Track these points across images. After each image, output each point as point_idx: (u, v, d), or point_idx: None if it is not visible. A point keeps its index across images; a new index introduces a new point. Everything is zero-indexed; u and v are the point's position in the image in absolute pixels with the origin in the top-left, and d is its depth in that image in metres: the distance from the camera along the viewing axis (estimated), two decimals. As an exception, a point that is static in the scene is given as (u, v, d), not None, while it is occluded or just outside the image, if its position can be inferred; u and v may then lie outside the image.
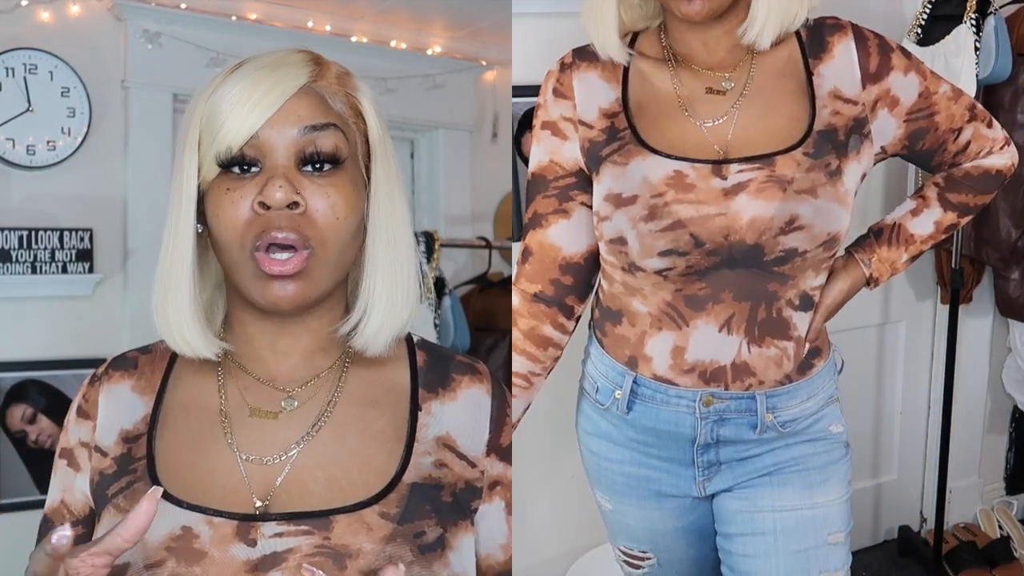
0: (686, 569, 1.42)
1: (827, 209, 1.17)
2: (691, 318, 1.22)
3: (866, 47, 1.23)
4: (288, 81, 0.92)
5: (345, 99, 0.96)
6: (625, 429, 1.31)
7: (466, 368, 1.02)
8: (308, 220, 0.91)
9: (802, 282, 1.22)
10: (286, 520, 0.90)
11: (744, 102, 1.23)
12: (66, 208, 2.34)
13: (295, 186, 0.91)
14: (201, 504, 0.92)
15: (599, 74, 1.28)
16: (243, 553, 0.89)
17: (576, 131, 1.26)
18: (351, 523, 0.89)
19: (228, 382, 0.99)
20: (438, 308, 2.62)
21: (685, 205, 1.17)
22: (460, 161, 3.09)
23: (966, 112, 1.28)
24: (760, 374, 1.23)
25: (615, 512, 1.40)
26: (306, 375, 0.99)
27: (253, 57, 0.95)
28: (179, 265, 0.94)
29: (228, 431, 0.96)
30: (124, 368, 1.03)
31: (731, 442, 1.28)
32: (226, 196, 0.91)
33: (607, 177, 1.22)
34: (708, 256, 1.18)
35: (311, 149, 0.91)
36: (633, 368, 1.27)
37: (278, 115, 0.91)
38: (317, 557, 0.87)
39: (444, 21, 2.88)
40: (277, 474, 0.93)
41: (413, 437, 0.96)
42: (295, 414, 0.97)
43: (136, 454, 0.96)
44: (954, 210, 1.33)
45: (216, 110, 0.91)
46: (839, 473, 1.30)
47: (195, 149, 0.93)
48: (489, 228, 3.03)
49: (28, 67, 2.28)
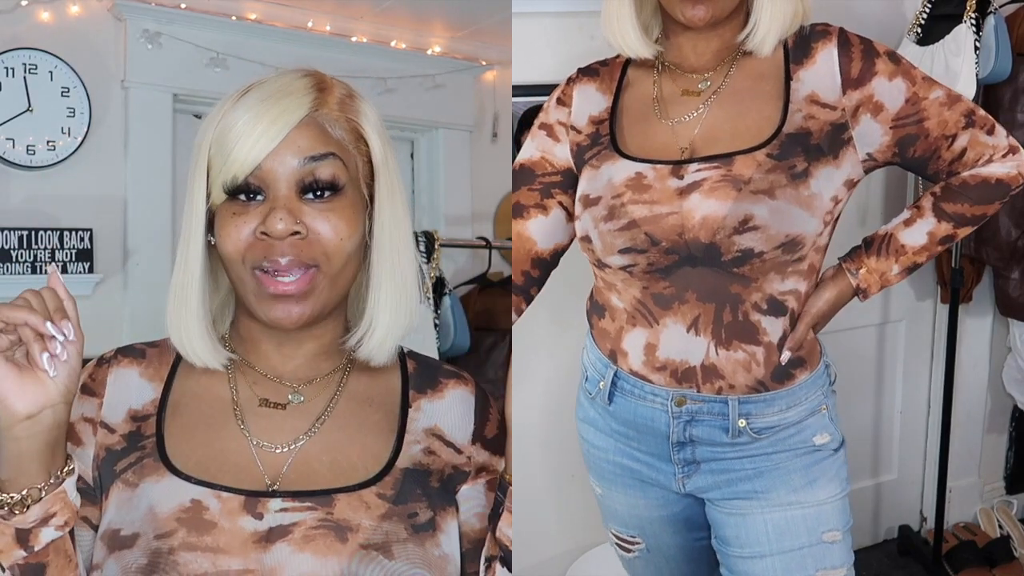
0: (674, 555, 1.44)
1: (785, 211, 1.17)
2: (660, 316, 1.24)
3: (849, 53, 1.22)
4: (290, 113, 0.96)
5: (346, 124, 1.00)
6: (608, 419, 1.34)
7: (452, 374, 1.11)
8: (310, 244, 0.97)
9: (766, 285, 1.22)
10: (291, 497, 0.96)
11: (715, 101, 1.25)
12: (66, 208, 2.34)
13: (296, 215, 0.96)
14: (211, 481, 0.97)
15: (596, 87, 1.34)
16: (251, 525, 0.94)
17: (567, 135, 1.33)
18: (351, 501, 0.97)
19: (238, 376, 1.05)
20: (438, 308, 2.62)
21: (639, 205, 1.21)
22: (460, 161, 3.09)
23: (961, 118, 1.24)
24: (729, 377, 1.24)
25: (605, 497, 1.43)
26: (310, 375, 1.05)
27: (260, 82, 1.00)
28: (189, 281, 1.00)
29: (240, 419, 1.02)
30: (132, 356, 1.07)
31: (705, 443, 1.28)
32: (231, 220, 0.97)
33: (583, 179, 1.29)
34: (666, 254, 1.20)
35: (310, 179, 0.96)
36: (614, 361, 1.30)
37: (280, 147, 0.96)
38: (321, 529, 0.94)
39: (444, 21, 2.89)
40: (284, 461, 1.00)
41: (404, 428, 1.04)
42: (301, 407, 1.03)
43: (145, 432, 1.02)
44: (949, 220, 1.28)
45: (224, 138, 0.97)
46: (828, 473, 1.29)
47: (204, 174, 0.98)
48: (489, 228, 3.03)
49: (28, 67, 2.29)
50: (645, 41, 1.29)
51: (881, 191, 2.44)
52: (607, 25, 1.31)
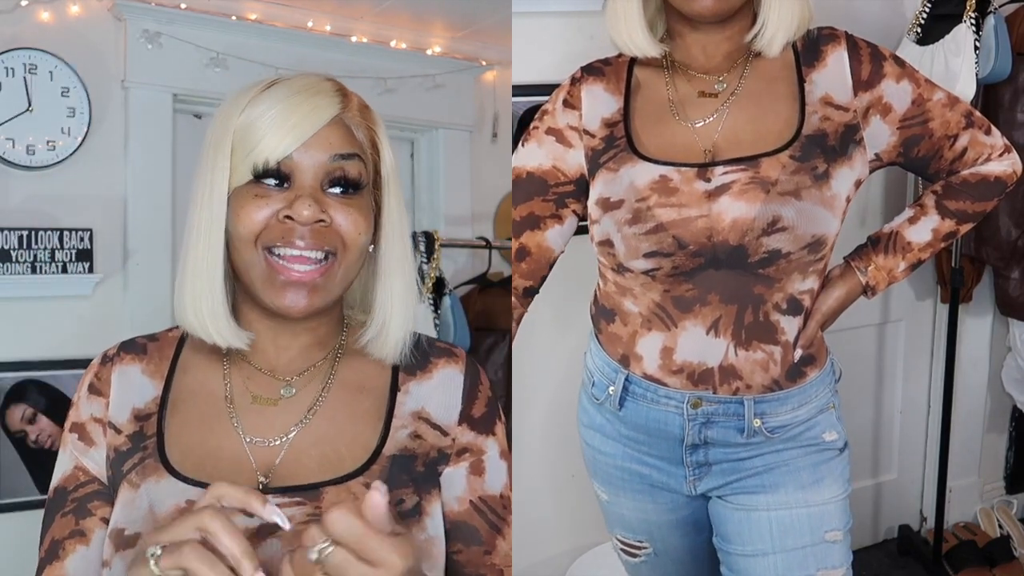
0: (681, 558, 1.44)
1: (811, 211, 1.18)
2: (679, 319, 1.24)
3: (858, 56, 1.25)
4: (323, 111, 1.00)
5: (366, 131, 1.05)
6: (618, 425, 1.34)
7: (443, 352, 1.11)
8: (332, 231, 0.99)
9: (788, 285, 1.23)
10: (281, 493, 0.98)
11: (734, 103, 1.26)
12: (66, 208, 2.34)
13: (321, 205, 0.98)
14: (207, 480, 0.98)
15: (604, 87, 1.33)
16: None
17: (581, 140, 1.32)
18: (339, 493, 0.98)
19: (233, 371, 1.07)
20: (438, 308, 2.62)
21: (667, 208, 1.21)
22: (460, 161, 3.09)
23: (962, 119, 1.29)
24: (747, 378, 1.25)
25: (611, 503, 1.43)
26: (302, 366, 1.07)
27: (284, 79, 1.03)
28: (213, 263, 1.00)
29: (233, 416, 1.03)
30: (134, 352, 1.10)
31: (719, 444, 1.29)
32: (253, 201, 0.98)
33: (600, 182, 1.28)
34: (693, 257, 1.21)
35: (339, 174, 1.00)
36: (625, 366, 1.30)
37: (311, 140, 0.99)
38: (310, 524, 0.91)
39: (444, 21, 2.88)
40: (276, 455, 1.01)
41: (392, 414, 1.05)
42: (292, 400, 1.05)
43: (147, 432, 1.03)
44: (952, 217, 1.33)
45: (253, 126, 0.99)
46: (833, 472, 1.31)
47: (228, 155, 0.99)
48: (489, 228, 3.03)
49: (28, 67, 2.28)
50: (652, 40, 1.28)
51: (881, 191, 2.45)
52: (613, 24, 1.30)
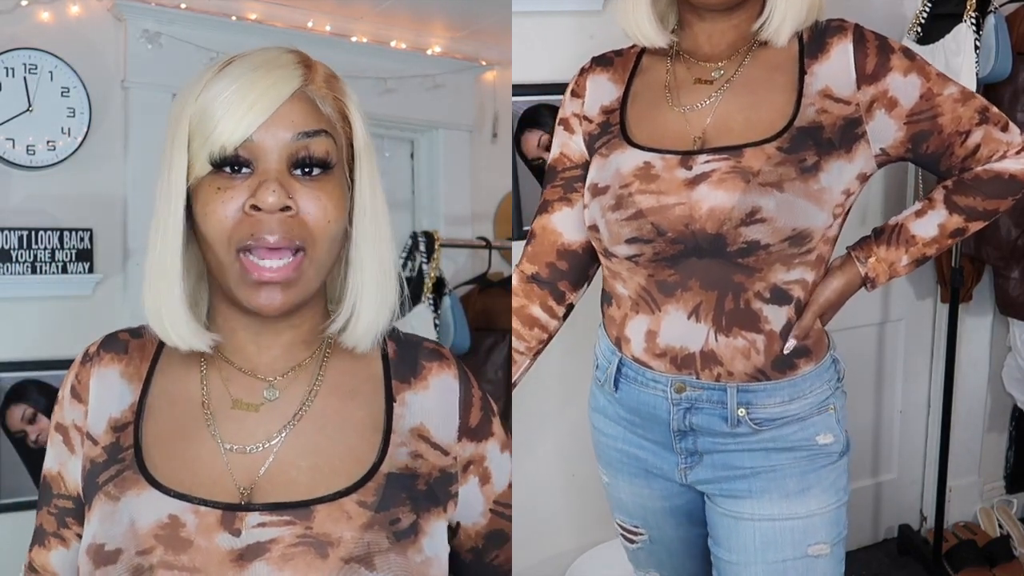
0: (676, 549, 1.44)
1: (793, 204, 1.17)
2: (662, 303, 1.25)
3: (864, 48, 1.23)
4: (282, 85, 0.93)
5: (333, 103, 0.97)
6: (616, 407, 1.36)
7: (432, 354, 1.05)
8: (299, 222, 0.92)
9: (771, 275, 1.22)
10: (269, 511, 0.92)
11: (728, 90, 1.25)
12: (66, 208, 2.34)
13: (287, 190, 0.92)
14: (187, 493, 0.94)
15: (609, 76, 1.35)
16: (227, 543, 0.91)
17: (580, 125, 1.35)
18: (331, 512, 0.92)
19: (211, 372, 1.01)
20: (438, 308, 2.62)
21: (647, 195, 1.22)
22: (460, 161, 3.09)
23: (975, 115, 1.25)
24: (727, 364, 1.24)
25: (611, 486, 1.44)
26: (286, 365, 1.00)
27: (242, 56, 0.96)
28: (169, 261, 0.95)
29: (211, 422, 0.98)
30: (115, 351, 1.05)
31: (705, 432, 1.28)
32: (216, 195, 0.92)
33: (593, 168, 1.30)
34: (672, 244, 1.21)
35: (304, 154, 0.93)
36: (619, 348, 1.32)
37: (272, 119, 0.92)
38: (300, 546, 0.90)
39: (444, 21, 2.88)
40: (260, 463, 0.96)
41: (390, 428, 0.99)
42: (276, 404, 0.99)
43: (124, 443, 0.99)
44: (960, 213, 1.28)
45: (209, 110, 0.92)
46: (823, 482, 1.28)
47: (184, 146, 0.93)
48: (489, 228, 3.03)
49: (28, 67, 2.28)
50: (660, 30, 1.29)
51: (881, 191, 2.45)
52: (622, 14, 1.31)
